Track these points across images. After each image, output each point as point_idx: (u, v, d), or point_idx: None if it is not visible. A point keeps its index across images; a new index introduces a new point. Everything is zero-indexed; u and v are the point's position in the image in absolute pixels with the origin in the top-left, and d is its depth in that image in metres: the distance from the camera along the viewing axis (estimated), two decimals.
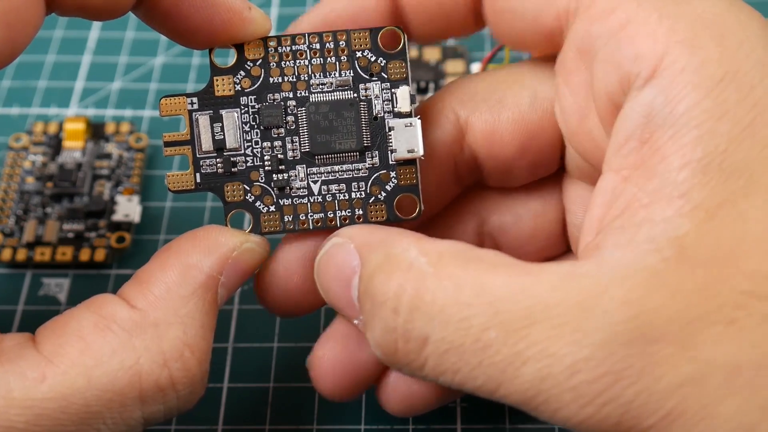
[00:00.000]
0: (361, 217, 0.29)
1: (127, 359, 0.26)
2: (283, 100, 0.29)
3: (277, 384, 0.36)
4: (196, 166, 0.29)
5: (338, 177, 0.29)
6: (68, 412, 0.25)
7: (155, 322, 0.26)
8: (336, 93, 0.30)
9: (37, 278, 0.39)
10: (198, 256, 0.28)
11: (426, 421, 0.34)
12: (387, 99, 0.29)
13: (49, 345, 0.26)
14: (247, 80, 0.29)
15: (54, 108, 0.46)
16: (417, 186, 0.29)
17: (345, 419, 0.35)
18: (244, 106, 0.29)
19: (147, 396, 0.26)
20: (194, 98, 0.29)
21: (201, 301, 0.27)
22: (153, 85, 0.46)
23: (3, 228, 0.40)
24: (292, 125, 0.29)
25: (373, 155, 0.29)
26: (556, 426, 0.34)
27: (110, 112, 0.45)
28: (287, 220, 0.29)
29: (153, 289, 0.27)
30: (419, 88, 0.44)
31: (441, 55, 0.46)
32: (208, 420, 0.35)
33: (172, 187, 0.29)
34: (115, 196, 0.41)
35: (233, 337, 0.37)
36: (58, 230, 0.40)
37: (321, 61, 0.30)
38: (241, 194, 0.29)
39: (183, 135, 0.29)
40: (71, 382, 0.25)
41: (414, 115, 0.29)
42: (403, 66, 0.30)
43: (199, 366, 0.27)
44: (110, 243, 0.39)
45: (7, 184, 0.41)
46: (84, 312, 0.27)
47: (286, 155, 0.29)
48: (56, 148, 0.42)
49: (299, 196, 0.29)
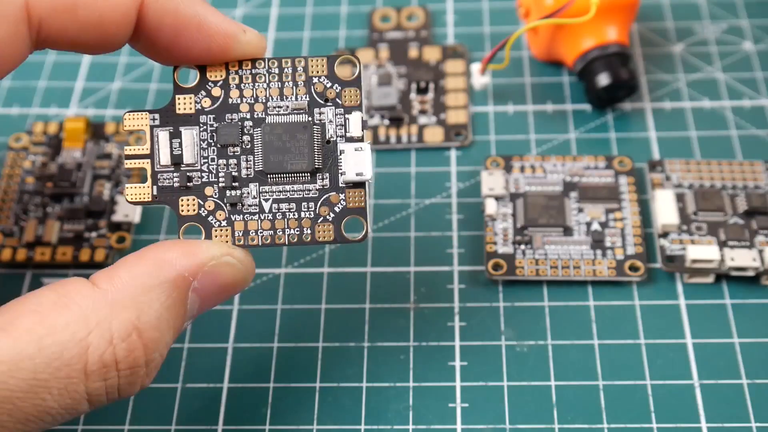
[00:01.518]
0: (309, 236, 0.30)
1: (78, 332, 0.26)
2: (240, 120, 0.31)
3: (277, 384, 0.36)
4: (154, 179, 0.30)
5: (289, 196, 0.31)
6: (17, 377, 0.25)
7: (112, 302, 0.27)
8: (291, 116, 0.31)
9: (37, 278, 0.39)
10: (174, 254, 0.28)
11: (426, 421, 0.34)
12: (340, 124, 0.31)
13: (5, 318, 0.26)
14: (207, 100, 0.31)
15: (54, 108, 0.46)
16: (365, 209, 0.30)
17: (345, 419, 0.35)
18: (203, 124, 0.31)
19: (91, 370, 0.26)
20: (156, 114, 0.31)
21: (164, 295, 0.28)
22: (153, 85, 0.46)
23: (3, 228, 0.40)
24: (248, 144, 0.31)
25: (324, 177, 0.31)
26: (555, 426, 0.34)
27: (110, 112, 0.45)
28: (237, 235, 0.30)
29: (120, 273, 0.28)
30: (419, 88, 0.44)
31: (441, 55, 0.46)
32: (208, 420, 0.35)
33: (129, 198, 0.30)
34: (115, 196, 0.41)
35: (233, 337, 0.37)
36: (58, 230, 0.40)
37: (279, 85, 0.31)
38: (195, 208, 0.30)
39: (143, 149, 0.31)
40: (21, 348, 0.26)
41: (364, 140, 0.30)
42: (357, 93, 0.31)
43: (143, 351, 0.27)
44: (110, 243, 0.39)
45: (7, 184, 0.41)
46: (46, 291, 0.27)
47: (240, 173, 0.31)
48: (56, 148, 0.42)
49: (250, 213, 0.31)
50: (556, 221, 0.39)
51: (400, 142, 0.43)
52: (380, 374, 0.36)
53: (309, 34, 0.48)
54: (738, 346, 0.36)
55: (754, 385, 0.35)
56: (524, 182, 0.40)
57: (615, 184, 0.40)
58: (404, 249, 0.39)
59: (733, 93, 0.44)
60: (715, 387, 0.35)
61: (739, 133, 0.43)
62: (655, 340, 0.36)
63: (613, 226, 0.39)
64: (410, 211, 0.41)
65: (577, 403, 0.35)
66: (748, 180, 0.40)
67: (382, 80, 0.45)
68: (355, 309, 0.38)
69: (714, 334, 0.36)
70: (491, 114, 0.44)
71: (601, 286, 0.38)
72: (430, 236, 0.40)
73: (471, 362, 0.36)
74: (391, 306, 0.38)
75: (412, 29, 0.47)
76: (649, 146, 0.42)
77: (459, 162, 0.42)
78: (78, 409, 0.27)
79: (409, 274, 0.39)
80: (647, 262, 0.38)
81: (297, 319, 0.38)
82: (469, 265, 0.39)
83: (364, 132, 0.31)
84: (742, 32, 0.47)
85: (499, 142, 0.43)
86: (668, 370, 0.35)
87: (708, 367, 0.35)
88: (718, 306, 0.37)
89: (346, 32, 0.48)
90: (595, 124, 0.43)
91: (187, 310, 0.29)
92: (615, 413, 0.34)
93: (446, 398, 0.35)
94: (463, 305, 0.37)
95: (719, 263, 0.37)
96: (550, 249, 0.38)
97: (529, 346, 0.36)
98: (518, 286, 0.38)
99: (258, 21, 0.49)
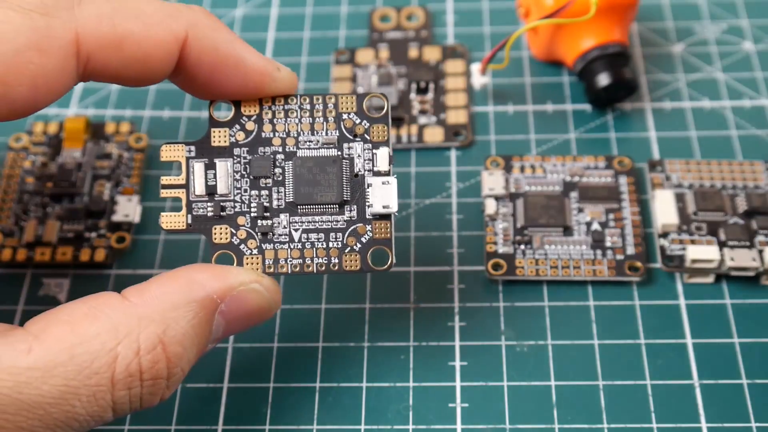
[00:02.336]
0: (337, 265, 0.31)
1: (108, 342, 0.27)
2: (272, 154, 0.32)
3: (277, 384, 0.36)
4: (189, 208, 0.32)
5: (318, 227, 0.32)
6: (49, 384, 0.26)
7: (141, 315, 0.28)
8: (321, 150, 0.32)
9: (37, 278, 0.39)
10: (205, 276, 0.30)
11: (426, 421, 0.34)
12: (368, 158, 0.32)
13: (38, 326, 0.27)
14: (241, 133, 0.32)
15: (54, 108, 0.45)
16: (390, 239, 0.32)
17: (345, 419, 0.35)
18: (237, 156, 0.32)
19: (118, 379, 0.27)
20: (192, 146, 0.32)
21: (191, 313, 0.29)
22: (152, 85, 0.46)
23: (3, 228, 0.40)
24: (279, 176, 0.32)
25: (352, 209, 0.32)
26: (555, 426, 0.34)
27: (110, 112, 0.45)
28: (268, 263, 0.31)
29: (151, 289, 0.29)
30: (419, 88, 0.44)
31: (441, 55, 0.46)
32: (208, 420, 0.35)
33: (165, 226, 0.32)
34: (115, 196, 0.41)
35: (233, 337, 0.37)
36: (58, 230, 0.40)
37: (310, 121, 0.32)
38: (228, 237, 0.32)
39: (179, 179, 0.32)
40: (55, 356, 0.26)
41: (391, 174, 0.31)
42: (384, 129, 0.32)
43: (166, 364, 0.28)
44: (110, 243, 0.39)
45: (7, 184, 0.41)
46: (78, 303, 0.28)
47: (271, 203, 0.32)
48: (56, 148, 0.42)
49: (281, 242, 0.32)
50: (556, 221, 0.39)
51: (400, 142, 0.43)
52: (380, 374, 0.36)
53: (309, 34, 0.48)
54: (738, 346, 0.36)
55: (754, 385, 0.35)
56: (524, 182, 0.40)
57: (615, 184, 0.40)
58: (404, 249, 0.39)
59: (733, 93, 0.44)
60: (715, 387, 0.35)
61: (739, 133, 0.43)
62: (655, 340, 0.36)
63: (613, 226, 0.39)
64: (410, 211, 0.41)
65: (577, 403, 0.35)
66: (748, 180, 0.40)
67: (382, 80, 0.45)
68: (355, 309, 0.38)
69: (714, 334, 0.36)
70: (491, 114, 0.44)
71: (601, 286, 0.38)
72: (430, 236, 0.40)
73: (471, 362, 0.36)
74: (391, 306, 0.38)
75: (412, 29, 0.47)
76: (649, 146, 0.42)
77: (459, 162, 0.42)
78: (103, 417, 0.28)
79: (409, 274, 0.39)
80: (647, 262, 0.38)
81: (297, 319, 0.38)
82: (469, 265, 0.39)
83: (391, 167, 0.32)
84: (742, 32, 0.47)
85: (499, 142, 0.43)
86: (668, 370, 0.35)
87: (708, 367, 0.35)
88: (718, 306, 0.37)
89: (346, 32, 0.48)
90: (595, 124, 0.43)
91: (212, 332, 0.30)
92: (615, 413, 0.34)
93: (446, 398, 0.35)
94: (463, 305, 0.37)
95: (719, 263, 0.37)
96: (550, 249, 0.38)
97: (529, 346, 0.36)
98: (518, 286, 0.38)
99: (258, 21, 0.49)
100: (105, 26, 0.29)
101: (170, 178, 0.32)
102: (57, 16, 0.28)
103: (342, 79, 0.45)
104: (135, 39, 0.29)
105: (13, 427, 0.26)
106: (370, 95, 0.32)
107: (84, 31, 0.29)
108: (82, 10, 0.29)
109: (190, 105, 0.45)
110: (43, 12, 0.28)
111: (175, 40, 0.30)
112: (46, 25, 0.28)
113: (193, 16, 0.30)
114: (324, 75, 0.46)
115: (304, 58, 0.47)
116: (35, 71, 0.28)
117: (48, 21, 0.28)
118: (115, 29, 0.29)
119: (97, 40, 0.29)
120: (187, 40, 0.30)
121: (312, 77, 0.46)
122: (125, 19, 0.29)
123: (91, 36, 0.29)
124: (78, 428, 0.27)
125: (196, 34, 0.30)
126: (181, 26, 0.30)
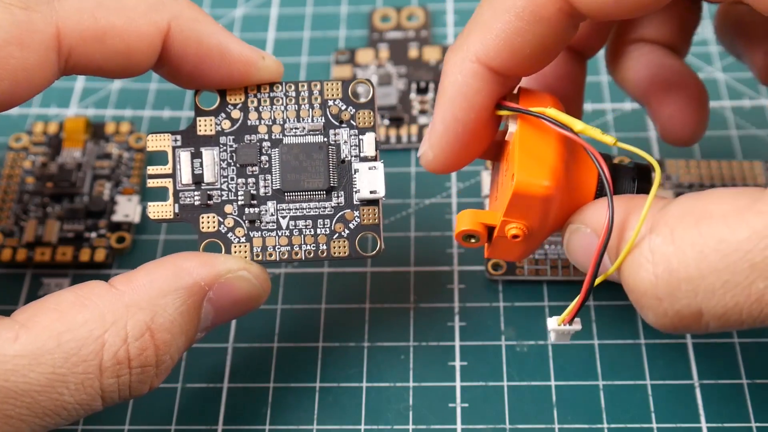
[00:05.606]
0: (325, 252, 0.31)
1: (95, 329, 0.27)
2: (258, 141, 0.32)
3: (277, 384, 0.36)
4: (176, 197, 0.32)
5: (305, 213, 0.32)
6: (36, 371, 0.26)
7: (128, 302, 0.28)
8: (308, 137, 0.32)
9: (37, 278, 0.39)
10: (192, 264, 0.30)
11: (426, 421, 0.34)
12: (354, 144, 0.32)
13: (25, 315, 0.27)
14: (227, 122, 0.32)
15: (54, 108, 0.46)
16: (379, 225, 0.32)
17: (345, 419, 0.35)
18: (223, 145, 0.32)
19: (105, 366, 0.27)
20: (178, 136, 0.32)
21: (179, 301, 0.29)
22: (153, 85, 0.46)
23: (3, 228, 0.40)
24: (266, 164, 0.32)
25: (339, 195, 0.32)
26: (555, 426, 0.34)
27: (110, 112, 0.45)
28: (256, 251, 0.31)
29: (138, 277, 0.29)
30: (419, 88, 0.44)
31: (441, 55, 0.46)
32: (208, 420, 0.35)
33: (152, 216, 0.32)
34: (115, 196, 0.41)
35: (233, 337, 0.37)
36: (58, 230, 0.40)
37: (296, 108, 0.32)
38: (215, 225, 0.32)
39: (165, 169, 0.32)
40: (42, 343, 0.26)
41: (378, 159, 0.31)
42: (370, 115, 0.32)
43: (155, 351, 0.28)
44: (110, 243, 0.39)
45: (7, 184, 0.41)
46: (65, 292, 0.28)
47: (258, 191, 0.32)
48: (56, 148, 0.42)
49: (268, 230, 0.32)
50: None
51: (400, 142, 0.43)
52: (380, 374, 0.36)
53: (309, 34, 0.48)
54: (738, 346, 0.36)
55: (754, 385, 0.35)
56: None
57: None
58: (404, 249, 0.39)
59: (733, 93, 0.44)
60: (715, 387, 0.35)
61: (739, 133, 0.43)
62: (655, 340, 0.36)
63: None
64: (410, 211, 0.41)
65: (577, 403, 0.35)
66: (748, 180, 0.40)
67: (382, 80, 0.45)
68: (355, 309, 0.38)
69: (714, 334, 0.36)
70: None
71: (600, 286, 0.38)
72: (430, 236, 0.40)
73: (471, 362, 0.36)
74: (391, 306, 0.38)
75: (412, 29, 0.47)
76: (649, 146, 0.42)
77: None
78: (92, 405, 0.28)
79: (409, 274, 0.39)
80: None
81: (297, 319, 0.38)
82: (469, 265, 0.39)
83: (378, 152, 0.32)
84: None
85: None
86: (668, 370, 0.35)
87: (708, 367, 0.35)
88: None
89: (346, 32, 0.48)
90: (595, 124, 0.43)
91: (201, 320, 0.30)
92: (615, 413, 0.34)
93: (446, 398, 0.35)
94: (463, 305, 0.37)
95: None
96: (550, 249, 0.38)
97: (529, 346, 0.36)
98: (518, 285, 0.38)
99: (258, 21, 0.49)
100: (86, 20, 0.29)
101: (157, 168, 0.32)
102: (38, 11, 0.28)
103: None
104: (117, 32, 0.29)
105: (0, 415, 0.26)
106: (355, 81, 0.32)
107: (65, 25, 0.29)
108: (63, 4, 0.29)
109: (190, 105, 0.45)
110: (24, 6, 0.28)
111: (158, 32, 0.30)
112: (27, 19, 0.28)
113: (176, 8, 0.30)
114: (324, 75, 0.46)
115: (304, 58, 0.47)
116: (16, 66, 0.28)
117: (29, 15, 0.28)
118: (97, 22, 0.29)
119: (78, 34, 0.29)
120: (170, 32, 0.30)
121: (312, 77, 0.46)
122: (107, 12, 0.29)
123: (72, 30, 0.29)
124: (67, 417, 0.27)
125: (178, 25, 0.30)
126: (163, 18, 0.30)
